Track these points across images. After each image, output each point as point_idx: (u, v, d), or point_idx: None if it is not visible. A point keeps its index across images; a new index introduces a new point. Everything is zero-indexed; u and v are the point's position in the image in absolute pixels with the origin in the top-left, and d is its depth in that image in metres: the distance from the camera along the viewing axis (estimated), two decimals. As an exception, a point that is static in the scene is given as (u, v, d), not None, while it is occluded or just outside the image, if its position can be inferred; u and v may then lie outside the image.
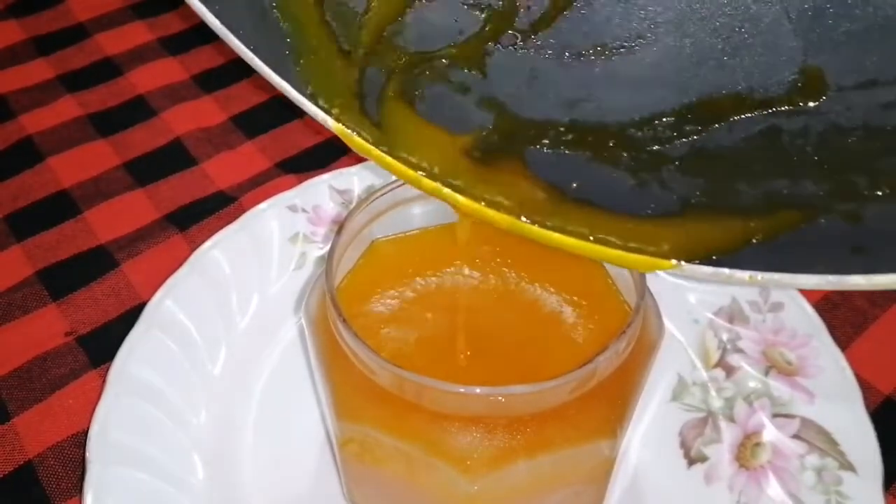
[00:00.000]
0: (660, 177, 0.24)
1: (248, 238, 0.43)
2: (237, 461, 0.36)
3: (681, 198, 0.23)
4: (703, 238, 0.21)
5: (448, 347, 0.30)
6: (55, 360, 0.40)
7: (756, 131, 0.24)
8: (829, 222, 0.21)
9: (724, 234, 0.21)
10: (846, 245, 0.20)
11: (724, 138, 0.24)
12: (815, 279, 0.19)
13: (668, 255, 0.21)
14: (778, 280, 0.20)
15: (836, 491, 0.33)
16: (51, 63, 0.58)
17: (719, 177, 0.23)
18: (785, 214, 0.22)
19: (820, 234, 0.21)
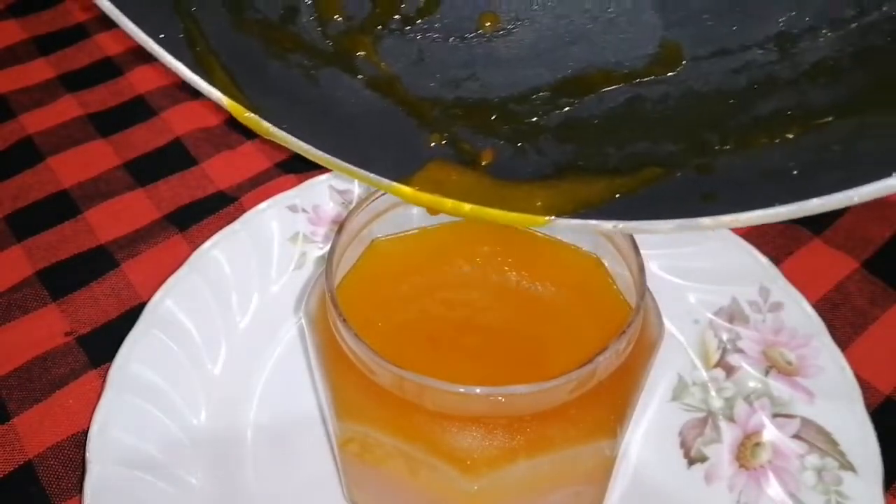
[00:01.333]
0: (536, 145, 0.27)
1: (248, 238, 0.43)
2: (237, 461, 0.36)
3: (555, 162, 0.26)
4: (574, 195, 0.24)
5: (448, 347, 0.30)
6: (55, 360, 0.40)
7: (622, 100, 0.27)
8: (685, 175, 0.24)
9: (592, 191, 0.24)
10: (698, 193, 0.23)
11: (594, 108, 0.27)
12: (670, 224, 0.22)
13: (542, 211, 0.24)
14: (637, 227, 0.23)
15: (836, 491, 0.33)
16: (51, 63, 0.58)
17: (590, 142, 0.26)
18: (646, 171, 0.24)
19: (676, 186, 0.24)
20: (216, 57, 0.26)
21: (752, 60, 0.25)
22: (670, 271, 0.41)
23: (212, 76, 0.25)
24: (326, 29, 0.29)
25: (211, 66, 0.25)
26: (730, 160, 0.24)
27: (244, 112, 0.25)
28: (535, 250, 0.33)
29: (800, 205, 0.20)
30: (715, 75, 0.26)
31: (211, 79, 0.25)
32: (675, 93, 0.26)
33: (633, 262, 0.29)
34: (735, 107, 0.25)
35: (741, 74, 0.25)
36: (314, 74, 0.28)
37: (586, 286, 0.31)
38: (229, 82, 0.25)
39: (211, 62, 0.25)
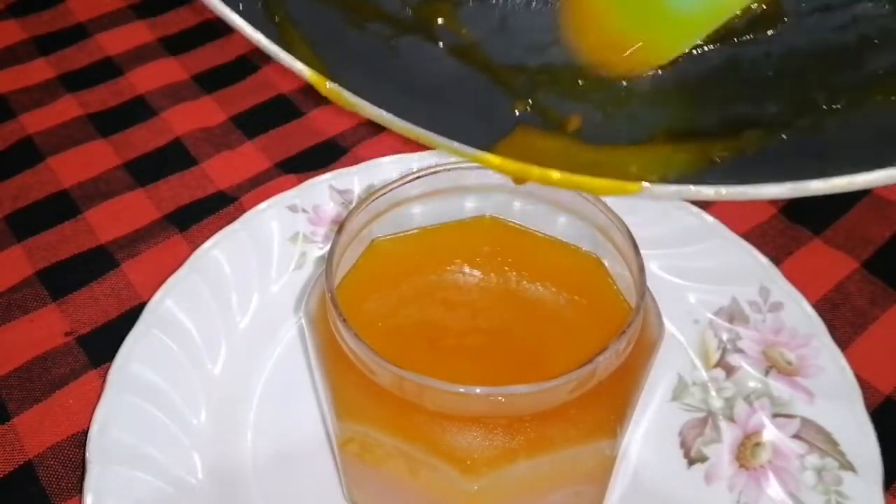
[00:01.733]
0: (628, 109, 0.25)
1: (248, 238, 0.43)
2: (237, 461, 0.36)
3: (648, 126, 0.25)
4: (669, 160, 0.23)
5: (448, 347, 0.30)
6: (55, 360, 0.40)
7: (719, 61, 0.26)
8: (791, 136, 0.22)
9: (689, 156, 0.23)
10: (805, 155, 0.21)
11: (689, 70, 0.26)
12: (776, 188, 0.20)
13: (634, 177, 0.22)
14: (742, 192, 0.21)
15: (836, 491, 0.33)
16: (51, 63, 0.58)
17: (685, 105, 0.25)
18: (748, 133, 0.23)
19: (782, 148, 0.22)
20: (296, 27, 0.25)
21: (862, 15, 0.24)
22: (670, 271, 0.41)
23: (293, 47, 0.24)
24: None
25: (291, 37, 0.25)
26: (841, 120, 0.22)
27: (326, 83, 0.24)
28: (536, 250, 0.33)
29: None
30: (819, 32, 0.24)
31: (292, 50, 0.24)
32: (777, 52, 0.25)
33: (633, 262, 0.29)
34: (845, 64, 0.24)
35: (849, 30, 0.24)
36: (394, 43, 0.27)
37: (586, 286, 0.31)
38: (310, 53, 0.24)
39: (291, 33, 0.25)
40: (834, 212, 0.47)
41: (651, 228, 0.42)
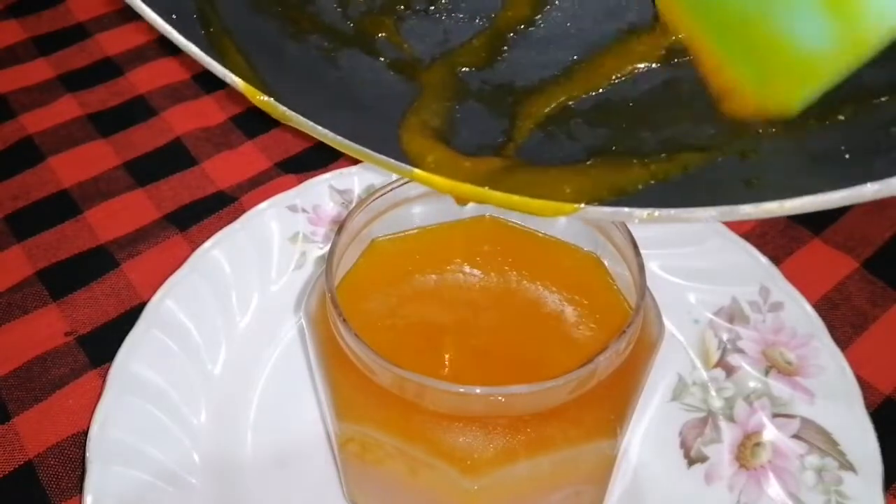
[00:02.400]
0: (567, 129, 0.25)
1: (248, 238, 0.43)
2: (237, 461, 0.36)
3: (586, 147, 0.24)
4: (606, 181, 0.23)
5: (448, 347, 0.30)
6: (55, 360, 0.40)
7: (659, 82, 0.25)
8: (725, 160, 0.22)
9: (625, 177, 0.23)
10: (739, 179, 0.21)
11: (629, 90, 0.26)
12: (709, 211, 0.20)
13: (571, 198, 0.22)
14: (675, 215, 0.21)
15: (837, 491, 0.33)
16: (51, 63, 0.58)
17: (623, 126, 0.25)
18: (684, 156, 0.23)
19: (716, 172, 0.22)
20: (231, 37, 0.25)
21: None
22: (670, 271, 0.41)
23: (225, 58, 0.24)
24: (347, 10, 0.28)
25: (225, 48, 0.24)
26: (775, 144, 0.22)
27: (259, 95, 0.24)
28: (536, 250, 0.33)
29: (853, 190, 0.18)
30: None
31: (224, 61, 0.24)
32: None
33: (633, 262, 0.29)
34: None
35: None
36: (334, 56, 0.27)
37: (586, 286, 0.31)
38: (244, 64, 0.24)
39: (225, 43, 0.25)
40: (834, 212, 0.47)
41: (651, 228, 0.41)
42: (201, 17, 0.25)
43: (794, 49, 0.21)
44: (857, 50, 0.20)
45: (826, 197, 0.19)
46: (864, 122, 0.21)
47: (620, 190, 0.22)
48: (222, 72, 0.24)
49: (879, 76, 0.21)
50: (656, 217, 0.21)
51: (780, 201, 0.19)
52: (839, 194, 0.18)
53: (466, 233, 0.33)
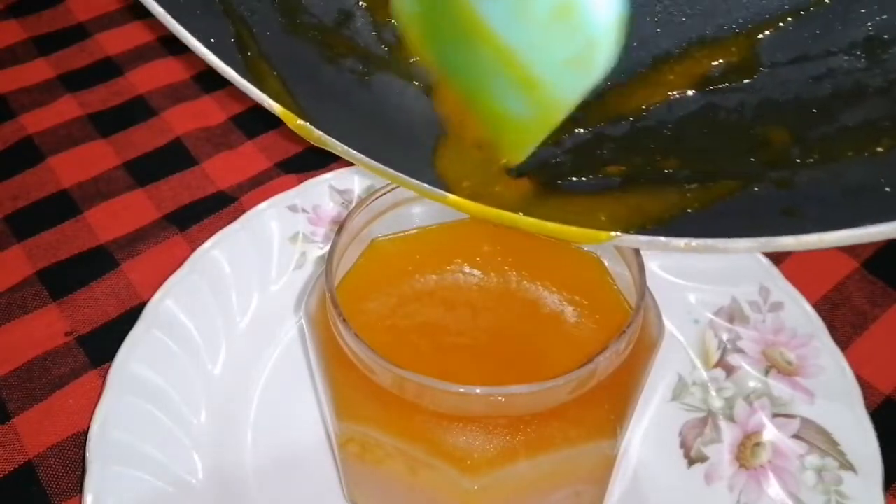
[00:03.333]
0: (601, 156, 0.25)
1: (248, 238, 0.43)
2: (237, 461, 0.36)
3: (621, 174, 0.24)
4: (640, 209, 0.22)
5: (448, 347, 0.30)
6: (55, 359, 0.40)
7: (695, 108, 0.25)
8: (763, 189, 0.22)
9: (660, 205, 0.23)
10: (777, 209, 0.21)
11: (664, 116, 0.25)
12: (747, 242, 0.20)
13: (605, 226, 0.22)
14: (712, 245, 0.21)
15: (837, 491, 0.33)
16: (51, 63, 0.58)
17: (658, 153, 0.24)
18: (720, 184, 0.22)
19: (753, 201, 0.22)
20: (267, 62, 0.25)
21: (837, 67, 0.23)
22: (670, 271, 0.41)
23: (263, 82, 0.24)
24: (381, 33, 0.27)
25: (262, 72, 0.24)
26: (813, 174, 0.22)
27: (296, 120, 0.24)
28: (536, 250, 0.33)
29: (893, 225, 0.18)
30: (795, 83, 0.24)
31: (262, 85, 0.24)
32: (752, 101, 0.24)
33: (633, 262, 0.29)
34: (818, 117, 0.23)
35: (824, 82, 0.23)
36: (368, 80, 0.27)
37: (586, 286, 0.31)
38: (281, 88, 0.24)
39: (262, 67, 0.25)
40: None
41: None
42: (238, 42, 0.25)
43: (506, 116, 0.24)
44: (552, 115, 0.23)
45: (866, 231, 0.18)
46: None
47: (656, 218, 0.22)
48: (260, 96, 0.24)
49: None
50: (694, 247, 0.21)
51: (820, 234, 0.19)
52: (879, 228, 0.18)
53: (466, 233, 0.33)
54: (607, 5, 0.20)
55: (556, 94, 0.23)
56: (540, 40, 0.22)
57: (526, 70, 0.23)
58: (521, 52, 0.22)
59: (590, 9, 0.20)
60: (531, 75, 0.23)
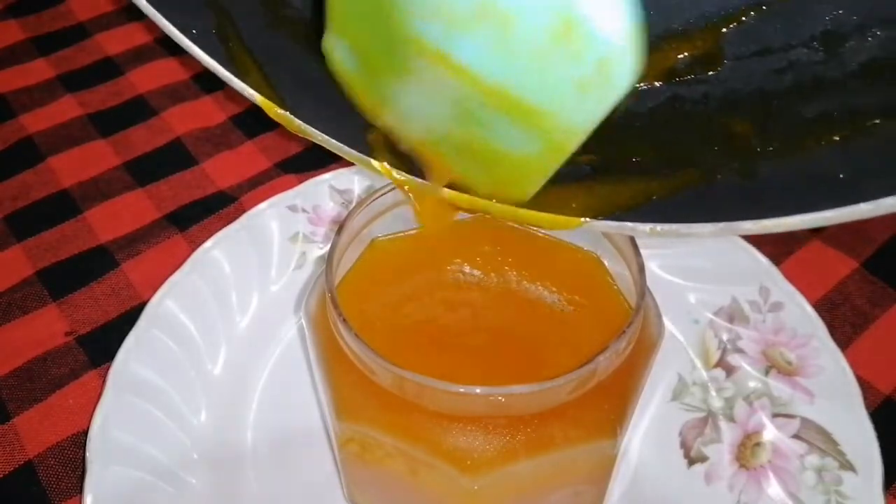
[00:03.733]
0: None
1: (248, 238, 0.43)
2: (237, 461, 0.36)
3: (590, 163, 0.25)
4: (609, 197, 0.24)
5: (448, 347, 0.30)
6: (55, 359, 0.40)
7: (662, 100, 0.26)
8: (725, 178, 0.23)
9: (627, 193, 0.24)
10: (739, 196, 0.22)
11: (634, 107, 0.26)
12: (710, 227, 0.21)
13: (576, 213, 0.24)
14: (676, 230, 0.22)
15: (836, 491, 0.33)
16: (51, 63, 0.58)
17: (628, 142, 0.25)
18: (686, 173, 0.23)
19: (716, 189, 0.23)
20: (249, 53, 0.25)
21: (797, 60, 0.24)
22: (670, 271, 0.41)
23: (244, 73, 0.25)
24: None
25: (243, 63, 0.25)
26: (774, 163, 0.23)
27: (276, 109, 0.24)
28: (536, 250, 0.33)
29: (849, 209, 0.19)
30: (757, 75, 0.25)
31: (243, 75, 0.24)
32: (716, 93, 0.25)
33: (633, 262, 0.29)
34: (779, 108, 0.24)
35: (785, 75, 0.24)
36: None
37: (586, 286, 0.31)
38: (261, 79, 0.25)
39: (244, 58, 0.25)
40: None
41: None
42: (220, 33, 0.25)
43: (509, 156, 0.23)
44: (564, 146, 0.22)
45: (822, 215, 0.19)
46: (858, 143, 0.21)
47: (624, 205, 0.23)
48: (240, 86, 0.24)
49: (872, 99, 0.22)
50: (659, 232, 0.22)
51: (779, 218, 0.20)
52: (834, 213, 0.19)
53: (466, 233, 0.33)
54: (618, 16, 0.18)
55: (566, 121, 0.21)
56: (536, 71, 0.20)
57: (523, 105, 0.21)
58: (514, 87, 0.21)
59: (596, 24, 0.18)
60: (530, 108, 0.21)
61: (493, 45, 0.20)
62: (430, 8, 0.20)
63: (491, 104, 0.22)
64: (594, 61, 0.19)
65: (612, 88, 0.19)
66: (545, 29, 0.19)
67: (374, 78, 0.25)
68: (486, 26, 0.19)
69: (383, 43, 0.23)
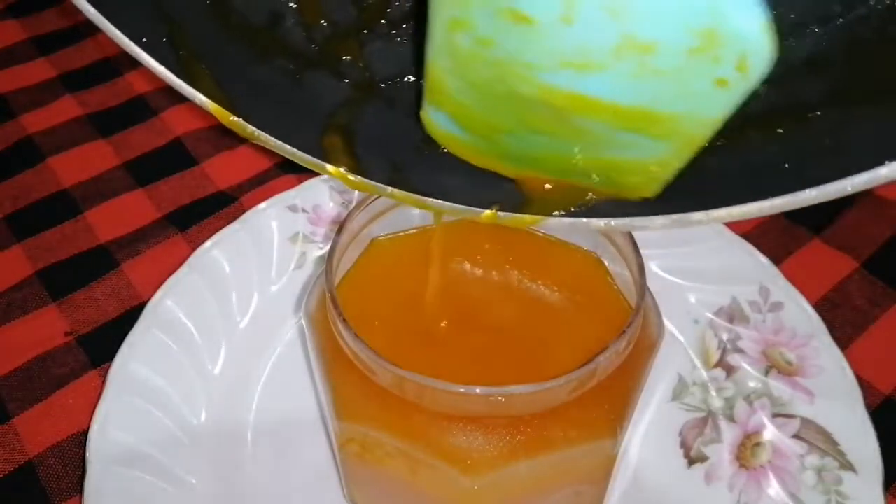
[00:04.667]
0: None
1: (248, 238, 0.43)
2: (237, 461, 0.36)
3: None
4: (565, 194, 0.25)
5: (448, 347, 0.30)
6: (55, 359, 0.40)
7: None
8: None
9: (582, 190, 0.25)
10: (689, 189, 0.23)
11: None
12: (661, 220, 0.22)
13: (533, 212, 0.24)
14: (629, 223, 0.23)
15: (836, 491, 0.33)
16: (51, 63, 0.58)
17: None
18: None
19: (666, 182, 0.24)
20: (200, 61, 0.26)
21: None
22: (670, 271, 0.41)
23: (196, 80, 0.25)
24: (312, 34, 0.28)
25: (195, 71, 0.25)
26: (720, 157, 0.23)
27: (229, 116, 0.25)
28: (536, 250, 0.33)
29: (793, 196, 0.20)
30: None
31: (195, 83, 0.25)
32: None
33: (633, 262, 0.29)
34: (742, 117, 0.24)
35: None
36: (299, 78, 0.28)
37: (586, 286, 0.31)
38: (213, 86, 0.25)
39: (195, 66, 0.25)
40: (834, 212, 0.47)
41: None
42: (172, 41, 0.25)
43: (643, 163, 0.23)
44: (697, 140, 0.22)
45: (770, 203, 0.20)
46: (801, 134, 0.22)
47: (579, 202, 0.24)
48: (192, 93, 0.25)
49: (812, 93, 0.23)
50: (613, 226, 0.23)
51: (728, 208, 0.21)
52: (781, 200, 0.20)
53: (467, 233, 0.33)
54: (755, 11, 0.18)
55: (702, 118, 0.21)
56: (676, 83, 0.20)
57: (660, 116, 0.21)
58: (653, 104, 0.21)
59: (736, 23, 0.18)
60: (667, 117, 0.21)
61: (632, 73, 0.20)
62: (556, 61, 0.20)
63: (627, 126, 0.22)
64: (734, 59, 0.19)
65: (750, 80, 0.19)
66: (687, 44, 0.19)
67: (488, 139, 0.25)
68: (625, 60, 0.20)
69: (498, 105, 0.23)
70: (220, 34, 0.27)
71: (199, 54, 0.26)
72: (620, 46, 0.19)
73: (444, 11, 0.21)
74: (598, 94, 0.21)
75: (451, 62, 0.23)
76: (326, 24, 0.28)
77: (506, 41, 0.21)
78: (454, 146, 0.26)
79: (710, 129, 0.21)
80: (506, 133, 0.24)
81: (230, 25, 0.27)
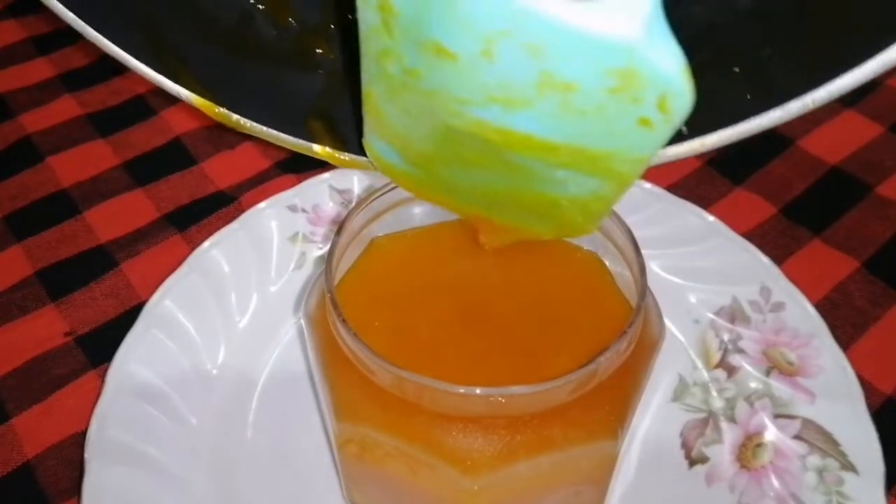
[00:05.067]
0: None
1: (247, 238, 0.43)
2: (237, 461, 0.36)
3: None
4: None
5: (448, 347, 0.30)
6: (55, 360, 0.40)
7: None
8: None
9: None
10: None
11: None
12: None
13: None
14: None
15: (838, 492, 0.33)
16: (50, 62, 0.58)
17: None
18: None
19: None
20: (181, 58, 0.26)
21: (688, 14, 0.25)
22: (671, 271, 0.41)
23: (178, 77, 0.25)
24: (283, 32, 0.29)
25: (176, 68, 0.26)
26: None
27: (214, 108, 0.26)
28: (536, 249, 0.33)
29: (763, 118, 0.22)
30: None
31: (178, 79, 0.25)
32: None
33: (633, 262, 0.29)
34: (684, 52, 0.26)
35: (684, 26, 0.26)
36: (275, 72, 0.28)
37: (587, 286, 0.31)
38: (196, 82, 0.26)
39: (176, 64, 0.26)
40: (834, 212, 0.47)
41: (652, 228, 0.41)
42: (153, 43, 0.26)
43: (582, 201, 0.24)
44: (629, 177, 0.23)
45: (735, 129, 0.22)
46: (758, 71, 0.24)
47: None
48: (176, 90, 0.25)
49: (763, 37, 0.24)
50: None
51: (702, 138, 0.23)
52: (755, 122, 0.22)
53: (467, 232, 0.33)
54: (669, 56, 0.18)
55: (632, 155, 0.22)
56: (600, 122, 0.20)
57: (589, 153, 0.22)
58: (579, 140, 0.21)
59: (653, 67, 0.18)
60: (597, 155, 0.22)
61: (557, 111, 0.20)
62: (482, 96, 0.21)
63: (560, 163, 0.22)
64: (654, 100, 0.19)
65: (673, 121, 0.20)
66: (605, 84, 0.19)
67: (426, 171, 0.25)
68: (548, 98, 0.20)
69: (432, 137, 0.23)
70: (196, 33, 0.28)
71: (178, 50, 0.26)
72: (541, 84, 0.19)
73: (373, 42, 0.22)
74: (528, 130, 0.21)
75: (385, 89, 0.23)
76: (295, 23, 0.29)
77: (432, 74, 0.21)
78: (396, 177, 0.27)
79: (641, 165, 0.22)
80: (443, 165, 0.24)
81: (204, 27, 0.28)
